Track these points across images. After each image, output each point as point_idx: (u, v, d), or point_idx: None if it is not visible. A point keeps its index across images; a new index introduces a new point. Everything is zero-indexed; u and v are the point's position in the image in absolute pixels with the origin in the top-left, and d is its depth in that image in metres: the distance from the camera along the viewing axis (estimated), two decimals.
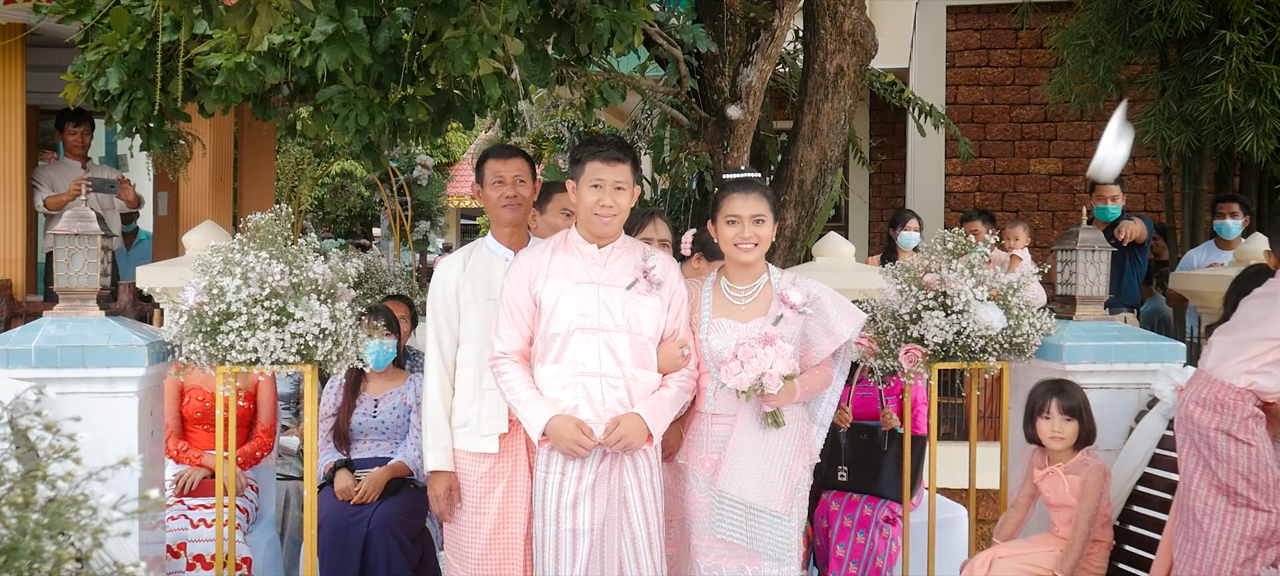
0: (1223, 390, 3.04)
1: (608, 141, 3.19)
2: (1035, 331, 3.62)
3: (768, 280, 3.29)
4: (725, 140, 6.45)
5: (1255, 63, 6.05)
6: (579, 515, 3.11)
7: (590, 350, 3.13)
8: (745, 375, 3.03)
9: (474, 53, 4.09)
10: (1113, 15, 6.83)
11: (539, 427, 3.10)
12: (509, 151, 3.54)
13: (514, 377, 3.18)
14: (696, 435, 3.27)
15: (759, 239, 3.20)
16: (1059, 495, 3.45)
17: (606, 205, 3.14)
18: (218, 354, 3.19)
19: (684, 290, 3.28)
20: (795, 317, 3.20)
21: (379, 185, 10.00)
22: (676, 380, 3.21)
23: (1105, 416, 3.61)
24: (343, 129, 4.49)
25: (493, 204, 3.47)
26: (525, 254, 3.29)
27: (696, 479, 3.24)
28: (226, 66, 4.17)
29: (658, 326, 3.20)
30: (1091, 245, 3.78)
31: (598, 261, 3.21)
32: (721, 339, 3.20)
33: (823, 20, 6.31)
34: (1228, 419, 3.02)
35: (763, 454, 3.15)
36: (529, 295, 3.20)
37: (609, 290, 3.17)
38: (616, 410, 3.11)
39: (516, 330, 3.21)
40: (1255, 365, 3.03)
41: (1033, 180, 9.90)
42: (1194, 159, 6.95)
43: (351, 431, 4.30)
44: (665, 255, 3.32)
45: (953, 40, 9.94)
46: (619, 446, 3.08)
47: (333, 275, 3.35)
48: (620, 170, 3.15)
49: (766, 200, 3.21)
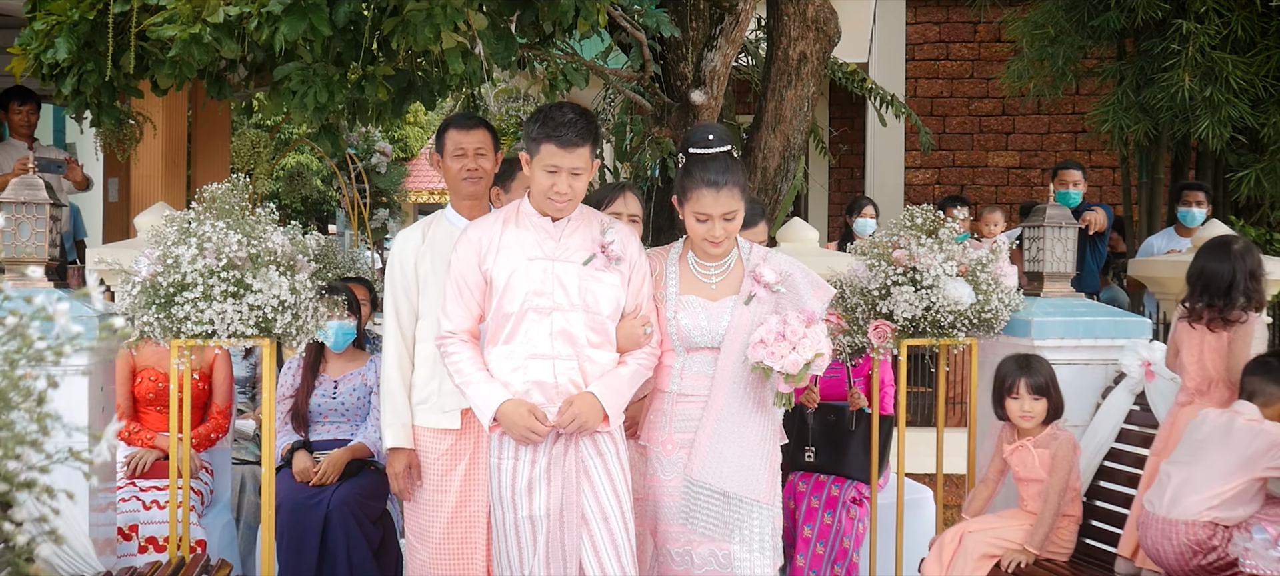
0: (1187, 529, 3.02)
1: (565, 121, 2.92)
2: (1004, 307, 3.62)
3: (738, 255, 3.11)
4: (688, 125, 6.41)
5: (1211, 52, 6.14)
6: (535, 501, 2.93)
7: (543, 331, 2.94)
8: (798, 356, 2.82)
9: (437, 25, 4.01)
10: (1072, 5, 6.90)
11: (490, 413, 2.92)
12: (472, 121, 3.43)
13: (462, 358, 2.99)
14: (659, 415, 3.09)
15: (729, 234, 3.01)
16: (1029, 469, 3.45)
17: (561, 192, 2.94)
18: (172, 326, 3.09)
19: (645, 264, 3.09)
20: (768, 297, 3.02)
21: (337, 172, 9.85)
22: (635, 357, 3.03)
23: (1073, 392, 3.62)
24: (301, 107, 4.39)
25: (453, 175, 3.35)
26: (474, 227, 3.08)
27: (660, 461, 3.07)
28: (180, 38, 4.05)
29: (617, 304, 3.01)
30: (1058, 222, 3.79)
31: (551, 236, 3.01)
32: (691, 317, 3.03)
33: (786, 7, 6.31)
34: (1199, 554, 3.01)
35: (741, 439, 2.99)
36: (479, 271, 3.00)
37: (564, 266, 2.98)
38: (571, 392, 2.93)
39: (465, 308, 3.02)
40: (1216, 502, 3.01)
41: (991, 172, 9.99)
42: (1151, 148, 7.04)
43: (310, 413, 4.21)
44: (624, 227, 3.10)
45: (912, 33, 10.01)
46: (573, 428, 2.90)
47: (292, 247, 3.25)
48: (578, 155, 2.92)
49: (739, 192, 2.98)
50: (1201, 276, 3.31)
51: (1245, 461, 2.98)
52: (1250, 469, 2.98)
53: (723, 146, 3.01)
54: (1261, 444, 2.97)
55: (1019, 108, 9.62)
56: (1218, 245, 3.35)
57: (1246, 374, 3.13)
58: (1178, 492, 3.04)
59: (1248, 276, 3.25)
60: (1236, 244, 3.31)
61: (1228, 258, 3.26)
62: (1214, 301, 3.25)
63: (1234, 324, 3.23)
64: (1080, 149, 9.64)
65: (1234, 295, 3.23)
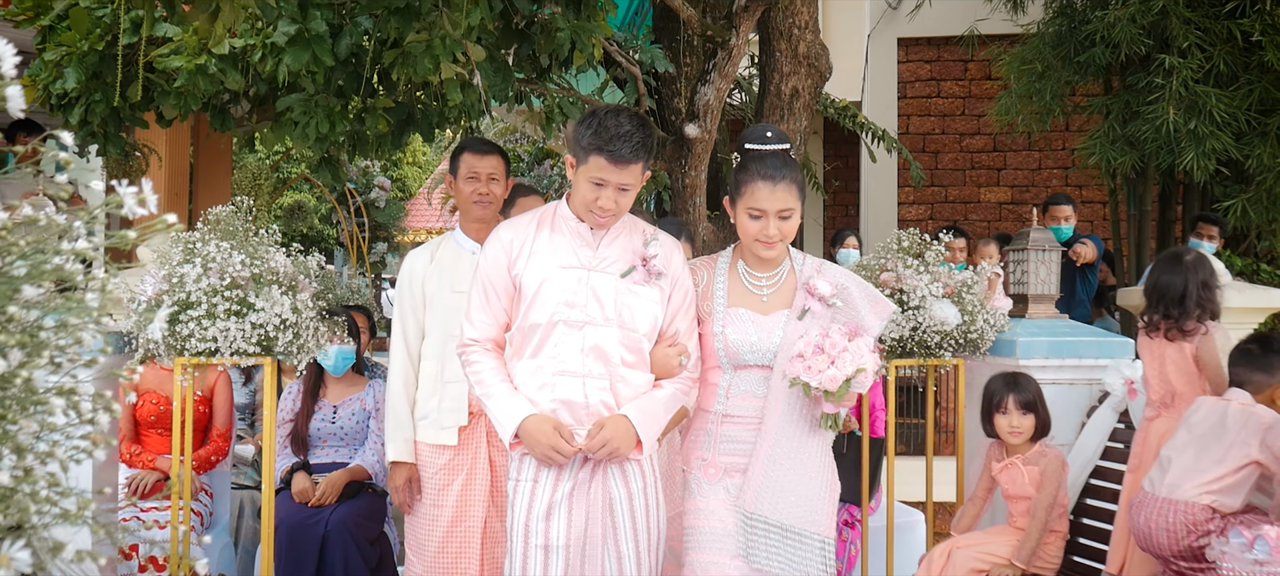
0: (1186, 509, 3.08)
1: (620, 133, 2.63)
2: (989, 327, 3.70)
3: (790, 266, 2.83)
4: (683, 159, 6.52)
5: (1194, 86, 6.25)
6: (552, 529, 2.65)
7: (573, 346, 2.68)
8: (838, 371, 2.57)
9: (436, 57, 4.12)
10: (1058, 41, 7.03)
11: (511, 429, 2.65)
12: (486, 147, 3.51)
13: (485, 369, 2.74)
14: (701, 435, 2.80)
15: (784, 235, 2.73)
16: (1018, 486, 3.51)
17: (605, 208, 2.69)
18: (176, 343, 3.16)
19: (688, 281, 2.82)
20: (823, 311, 2.74)
21: (336, 206, 9.95)
22: (673, 382, 2.76)
23: (1058, 411, 3.69)
24: (303, 137, 4.49)
25: (464, 198, 3.42)
26: (506, 226, 2.83)
27: (701, 484, 2.75)
28: (186, 69, 4.16)
29: (655, 322, 2.74)
30: (1042, 245, 3.87)
31: (589, 243, 2.75)
32: (740, 332, 2.75)
33: (778, 43, 6.44)
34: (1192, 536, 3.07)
35: (800, 467, 2.69)
36: (508, 276, 2.75)
37: (600, 277, 2.72)
38: (603, 415, 2.67)
39: (490, 314, 2.77)
40: (1215, 487, 3.07)
41: (983, 208, 10.10)
42: (1138, 180, 7.15)
43: (310, 436, 4.27)
44: (669, 239, 2.82)
45: (904, 71, 10.16)
46: (603, 454, 2.63)
47: (294, 268, 3.34)
48: (630, 171, 2.66)
49: (796, 189, 2.72)
50: (1156, 288, 3.42)
51: (1240, 445, 3.05)
52: (1246, 450, 3.04)
53: (781, 144, 2.78)
54: (1253, 426, 3.04)
55: (1010, 144, 9.76)
56: (1170, 258, 3.45)
57: (1231, 364, 3.21)
58: (1179, 476, 3.11)
59: (1200, 286, 3.35)
60: (1188, 256, 3.43)
61: (1180, 269, 3.37)
62: (1170, 312, 3.36)
63: (1190, 335, 3.33)
64: (1071, 184, 9.76)
65: (1188, 305, 3.33)
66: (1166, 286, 3.38)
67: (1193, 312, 3.32)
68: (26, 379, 1.04)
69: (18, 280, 1.02)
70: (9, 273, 1.01)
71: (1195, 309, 3.32)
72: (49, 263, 1.08)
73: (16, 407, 1.07)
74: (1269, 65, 6.26)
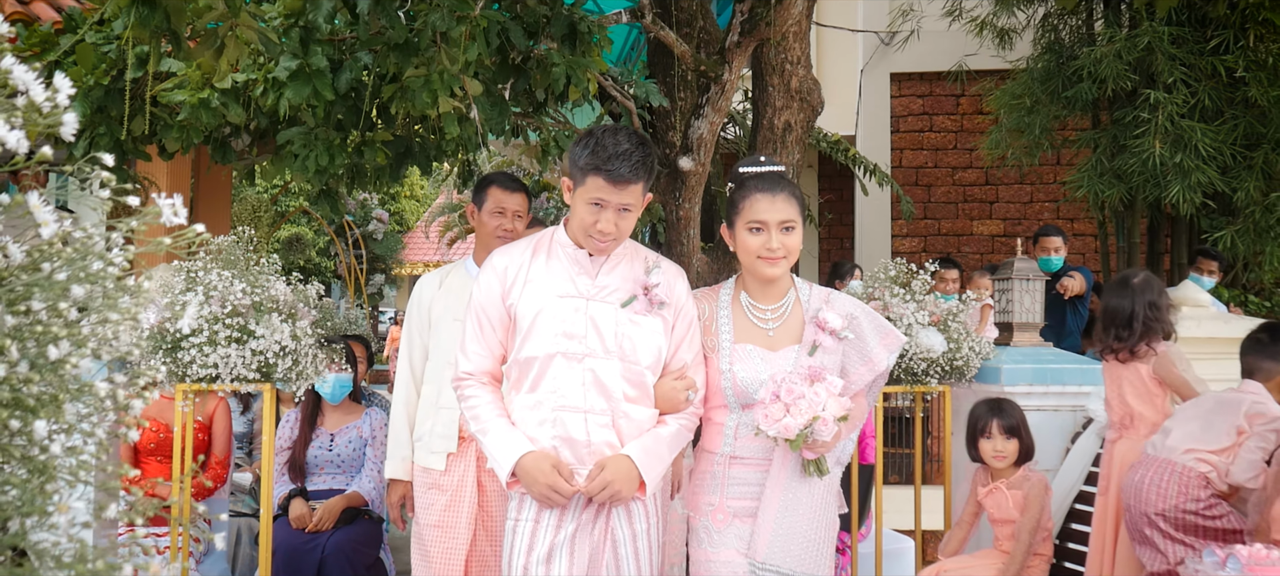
0: (1183, 472, 3.17)
1: (619, 151, 2.49)
2: (974, 354, 3.77)
3: (795, 297, 2.68)
4: (677, 191, 6.61)
5: (1179, 120, 6.36)
6: (553, 573, 2.50)
7: (573, 380, 2.53)
8: (793, 420, 2.41)
9: (434, 91, 4.22)
10: (1046, 76, 7.15)
11: (508, 466, 2.50)
12: (515, 183, 3.53)
13: (480, 403, 2.59)
14: (708, 478, 2.63)
15: (788, 250, 2.57)
16: (1003, 510, 3.57)
17: (604, 231, 2.54)
18: (178, 370, 3.23)
19: (692, 310, 2.67)
20: (834, 345, 2.60)
21: (335, 238, 10.04)
22: (677, 418, 2.62)
23: (1043, 437, 3.76)
24: (303, 169, 4.58)
25: (487, 230, 3.43)
26: (500, 253, 2.70)
27: (710, 532, 2.60)
28: (190, 103, 4.26)
29: (658, 354, 2.59)
30: (1026, 274, 3.95)
31: (588, 271, 2.61)
32: (749, 370, 2.58)
33: (771, 78, 6.55)
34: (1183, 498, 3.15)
35: (806, 512, 2.56)
36: (502, 305, 2.62)
37: (600, 307, 2.58)
38: (605, 453, 2.52)
39: (485, 346, 2.63)
40: (1211, 459, 3.16)
41: (976, 241, 10.20)
42: (1126, 213, 7.25)
43: (307, 464, 4.32)
44: (672, 266, 2.70)
45: (897, 106, 10.29)
46: (605, 497, 2.49)
47: (293, 296, 3.41)
48: (630, 191, 2.52)
49: (796, 202, 2.60)
50: (1105, 313, 3.51)
51: (1235, 424, 3.14)
52: (1235, 420, 3.13)
53: (774, 168, 2.70)
54: (1246, 402, 3.13)
55: (1002, 177, 9.87)
56: (1119, 282, 3.54)
57: (1243, 354, 3.29)
58: (1179, 440, 3.20)
59: (1147, 307, 3.43)
60: (1136, 278, 3.51)
61: (1127, 292, 3.46)
62: (1120, 335, 3.44)
63: (1142, 357, 3.41)
64: (1063, 217, 9.87)
65: (1135, 327, 3.42)
66: (1114, 310, 3.47)
67: (1140, 334, 3.40)
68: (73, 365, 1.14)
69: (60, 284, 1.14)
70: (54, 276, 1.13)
71: (1142, 330, 3.40)
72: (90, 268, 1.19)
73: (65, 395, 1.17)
74: (1253, 100, 6.37)
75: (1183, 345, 3.95)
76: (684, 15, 6.41)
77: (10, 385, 1.10)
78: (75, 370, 1.15)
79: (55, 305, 1.13)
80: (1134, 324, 3.41)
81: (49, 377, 1.14)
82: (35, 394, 1.12)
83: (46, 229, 1.17)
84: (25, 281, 1.13)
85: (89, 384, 1.20)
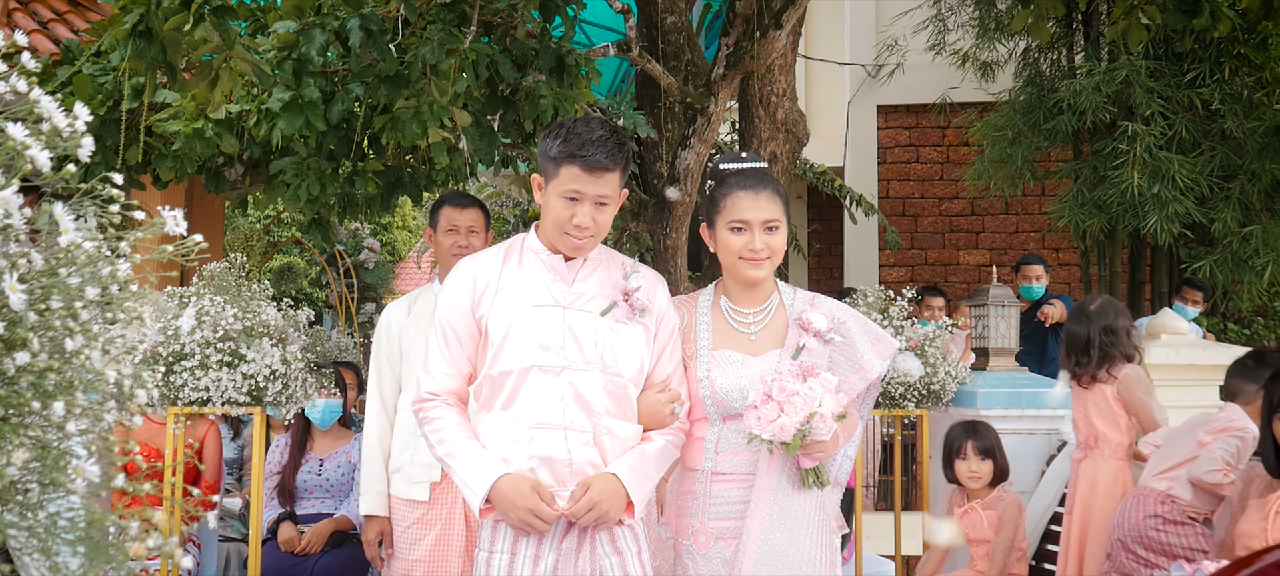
0: (1153, 497, 3.28)
1: (593, 138, 2.34)
2: (951, 379, 3.86)
3: (779, 300, 2.52)
4: (664, 221, 6.72)
5: (1157, 152, 6.49)
6: None
7: (551, 394, 2.33)
8: (788, 419, 2.25)
9: (424, 122, 4.32)
10: (1028, 108, 7.29)
11: (481, 492, 2.27)
12: (466, 199, 3.53)
13: (446, 425, 2.37)
14: (690, 498, 2.46)
15: (772, 251, 2.43)
16: (978, 530, 3.64)
17: (581, 226, 2.36)
18: (170, 393, 3.30)
19: (674, 318, 2.51)
20: (820, 348, 2.43)
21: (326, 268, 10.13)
22: (663, 433, 2.44)
23: (1018, 460, 3.84)
24: (295, 198, 4.67)
25: (444, 250, 3.40)
26: (467, 261, 2.51)
27: (693, 556, 2.43)
28: (184, 133, 4.35)
29: (641, 365, 2.42)
30: (1001, 301, 4.05)
31: (563, 277, 2.43)
32: (728, 376, 2.43)
33: (757, 109, 6.68)
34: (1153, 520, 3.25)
35: (796, 528, 2.37)
36: (471, 317, 2.41)
37: (577, 315, 2.40)
38: (587, 473, 2.32)
39: (452, 362, 2.42)
40: (1171, 474, 3.28)
41: (963, 270, 10.31)
42: (1108, 242, 7.36)
43: (297, 488, 4.38)
44: (651, 272, 2.52)
45: (883, 138, 10.43)
46: (590, 519, 2.28)
47: (284, 321, 3.49)
48: (607, 181, 2.35)
49: (780, 200, 2.45)
50: (1066, 339, 3.62)
51: (1198, 438, 3.25)
52: (1197, 434, 3.24)
53: (758, 164, 2.55)
54: (1218, 419, 3.22)
55: (988, 208, 10.00)
56: (1077, 309, 3.67)
57: (1228, 376, 3.40)
58: (1152, 466, 3.32)
59: (1102, 332, 3.54)
60: (1093, 305, 3.62)
61: (1085, 319, 3.58)
62: (1080, 360, 3.55)
63: (1103, 381, 3.51)
64: (1048, 247, 9.99)
65: (1092, 352, 3.53)
66: (1073, 336, 3.59)
67: (1098, 359, 3.51)
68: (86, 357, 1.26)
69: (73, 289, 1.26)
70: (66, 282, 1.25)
71: (1100, 355, 3.51)
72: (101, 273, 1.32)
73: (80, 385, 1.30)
74: (1229, 133, 6.50)
75: (1162, 371, 4.07)
76: (671, 48, 6.54)
77: (33, 370, 1.22)
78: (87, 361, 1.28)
79: (71, 305, 1.25)
80: (1090, 349, 3.52)
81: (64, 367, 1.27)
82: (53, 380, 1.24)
83: (65, 237, 1.30)
84: (44, 284, 1.25)
85: (100, 372, 1.32)
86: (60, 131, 1.34)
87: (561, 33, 5.06)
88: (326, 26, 4.14)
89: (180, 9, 3.50)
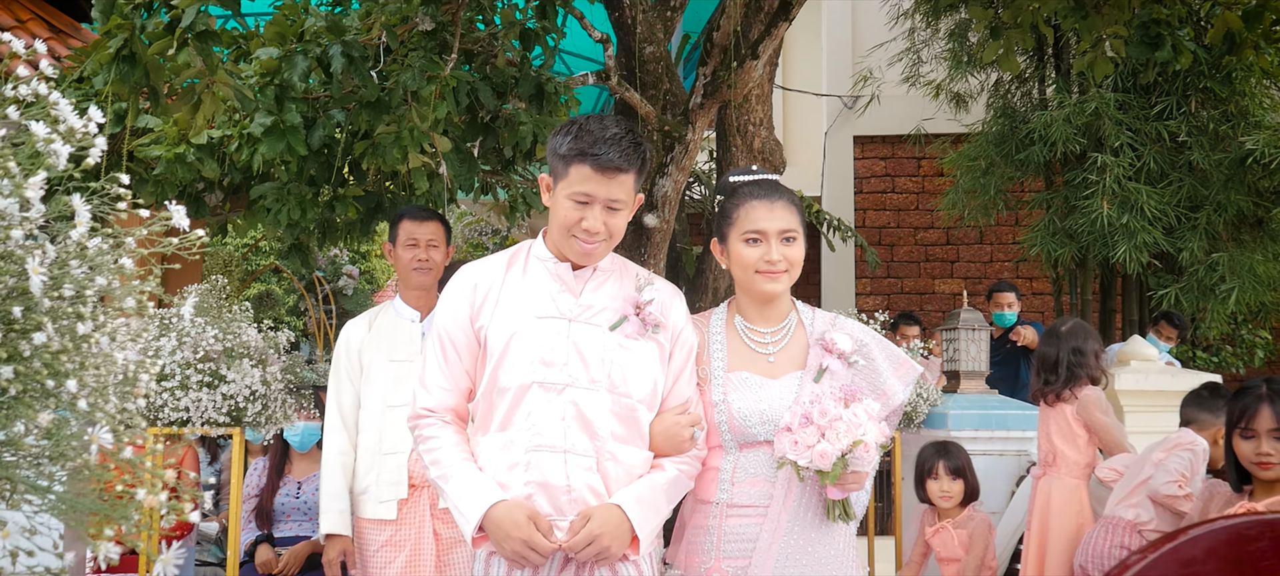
0: (1118, 525, 3.36)
1: (607, 136, 2.15)
2: (923, 401, 3.92)
3: (798, 319, 2.36)
4: (642, 248, 6.78)
5: (1126, 182, 6.62)
6: None
7: (552, 414, 2.15)
8: (830, 446, 2.07)
9: (404, 147, 4.37)
10: (1000, 140, 7.43)
11: (475, 519, 2.09)
12: (425, 213, 3.49)
13: (442, 445, 2.19)
14: (702, 534, 2.27)
15: (790, 263, 2.27)
16: (949, 549, 3.70)
17: (591, 230, 2.17)
18: (149, 414, 3.32)
19: (693, 337, 2.31)
20: (843, 371, 2.27)
21: (304, 294, 10.13)
22: (676, 463, 2.24)
23: (989, 480, 3.91)
24: (275, 222, 4.71)
25: (404, 265, 3.38)
26: (469, 268, 2.32)
27: None
28: (166, 157, 4.38)
29: (653, 386, 2.22)
30: (972, 325, 4.13)
31: (571, 288, 2.24)
32: (746, 400, 2.25)
33: (734, 138, 6.77)
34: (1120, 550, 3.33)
35: (815, 561, 2.21)
36: (470, 328, 2.23)
37: (584, 329, 2.21)
38: (588, 502, 2.14)
39: (449, 377, 2.24)
40: (1131, 499, 3.37)
41: (938, 299, 10.43)
42: (1079, 271, 7.48)
43: (274, 511, 4.39)
44: (668, 286, 2.34)
45: (860, 167, 10.56)
46: (589, 554, 2.09)
47: (264, 343, 3.52)
48: (620, 183, 2.16)
49: (796, 211, 2.30)
50: (1037, 359, 3.73)
51: (1155, 459, 3.35)
52: (1154, 455, 3.33)
53: (769, 175, 2.39)
54: (1171, 439, 3.32)
55: (962, 237, 10.13)
56: (1050, 331, 3.78)
57: (1184, 405, 3.50)
58: (1114, 498, 3.40)
59: (1071, 353, 3.66)
60: (1064, 326, 3.74)
61: (1056, 340, 3.69)
62: (1048, 379, 3.66)
63: (1066, 401, 3.61)
64: (1021, 276, 10.12)
65: (1060, 371, 3.64)
66: (1043, 357, 3.70)
67: (1065, 379, 3.61)
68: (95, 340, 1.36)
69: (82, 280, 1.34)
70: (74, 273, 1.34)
71: (1067, 375, 3.61)
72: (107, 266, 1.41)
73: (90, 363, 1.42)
74: (1195, 164, 6.64)
75: (1131, 397, 4.15)
76: (649, 77, 6.64)
77: (48, 351, 1.33)
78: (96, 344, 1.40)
79: (81, 293, 1.33)
80: (1058, 369, 3.62)
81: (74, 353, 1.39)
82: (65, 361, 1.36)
83: (77, 231, 1.39)
84: (57, 274, 1.35)
85: (108, 354, 1.41)
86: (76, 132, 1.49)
87: (541, 61, 5.14)
88: (309, 53, 4.20)
89: (164, 34, 3.54)
